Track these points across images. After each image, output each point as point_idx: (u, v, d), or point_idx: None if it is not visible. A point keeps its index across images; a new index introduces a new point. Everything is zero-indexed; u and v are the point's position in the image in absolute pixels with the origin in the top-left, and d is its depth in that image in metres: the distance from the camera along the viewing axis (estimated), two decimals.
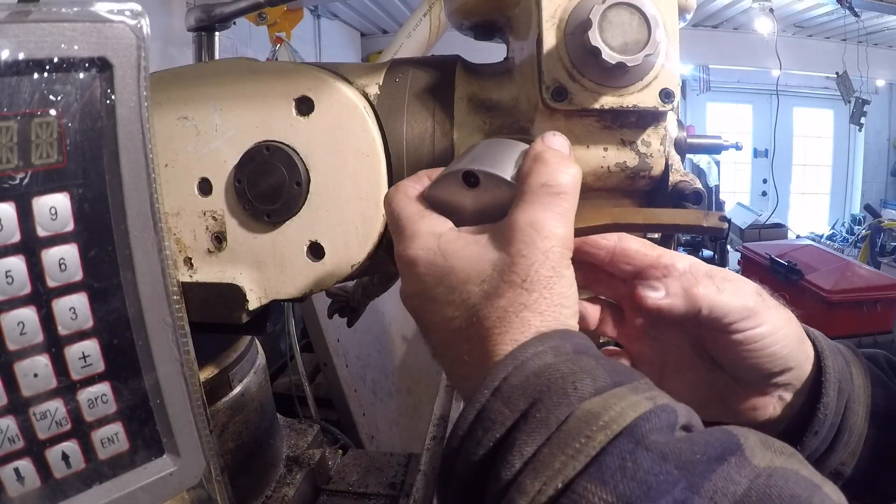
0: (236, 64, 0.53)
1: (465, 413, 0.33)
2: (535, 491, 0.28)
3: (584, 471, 0.28)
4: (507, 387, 0.32)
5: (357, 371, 1.74)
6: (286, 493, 0.80)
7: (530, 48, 0.45)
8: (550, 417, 0.30)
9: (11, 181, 0.33)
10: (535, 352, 0.33)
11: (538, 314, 0.35)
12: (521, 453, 0.30)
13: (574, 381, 0.31)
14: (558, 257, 0.36)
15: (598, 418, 0.29)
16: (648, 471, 0.27)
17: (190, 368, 0.40)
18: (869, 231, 5.28)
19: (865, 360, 0.49)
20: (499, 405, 0.32)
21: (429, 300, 0.38)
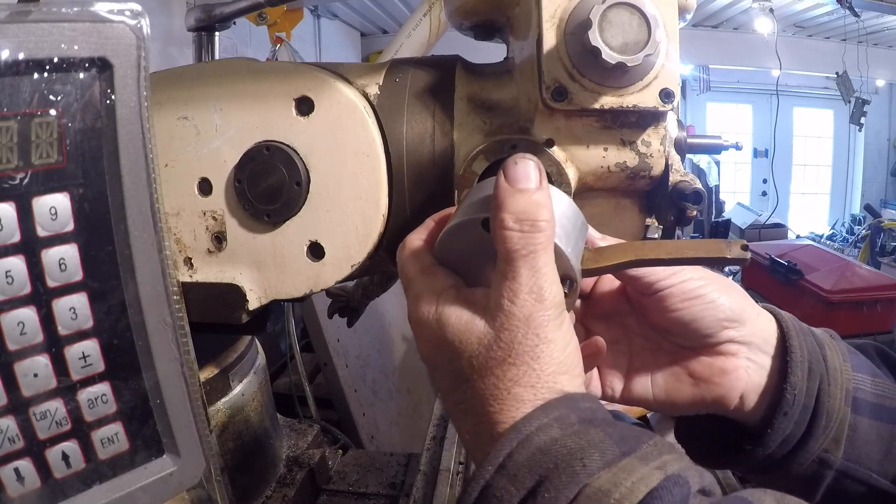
0: (236, 64, 0.53)
1: (469, 490, 0.32)
2: None
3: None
4: (512, 463, 0.31)
5: (357, 371, 1.74)
6: (286, 493, 0.80)
7: (530, 48, 0.45)
8: (560, 497, 0.29)
9: (11, 181, 0.33)
10: (539, 425, 0.32)
11: (530, 388, 0.34)
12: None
13: (582, 458, 0.30)
14: (541, 323, 0.34)
15: (608, 496, 0.29)
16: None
17: (190, 368, 0.40)
18: (869, 231, 5.28)
19: (850, 347, 0.48)
20: (504, 482, 0.31)
21: (433, 367, 0.38)
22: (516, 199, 0.35)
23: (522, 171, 0.36)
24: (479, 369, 0.35)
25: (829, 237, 6.46)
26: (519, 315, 0.34)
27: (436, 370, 0.38)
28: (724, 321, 0.44)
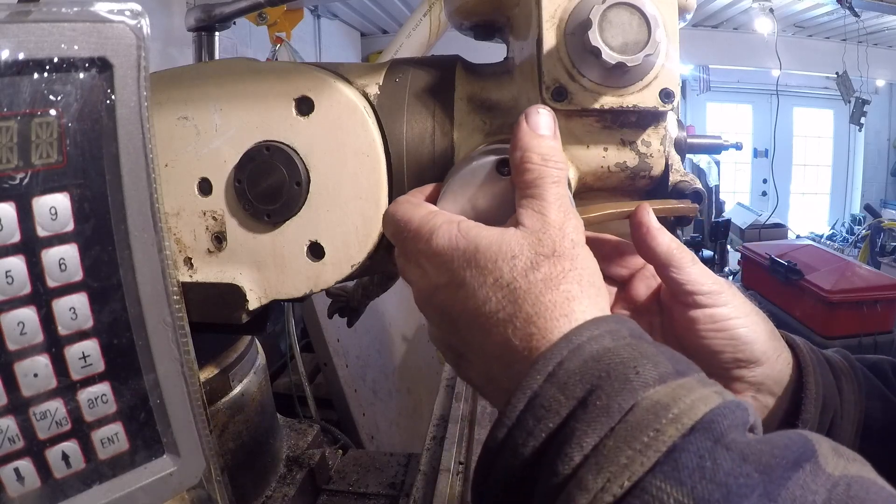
0: (236, 64, 0.53)
1: (514, 401, 0.30)
2: (597, 488, 0.26)
3: (655, 468, 0.25)
4: (563, 372, 0.30)
5: (357, 371, 1.74)
6: (286, 493, 0.80)
7: (530, 48, 0.45)
8: (612, 405, 0.28)
9: (11, 181, 0.33)
10: (592, 335, 0.31)
11: (576, 284, 0.34)
12: (581, 445, 0.27)
13: (636, 367, 0.29)
14: (572, 230, 0.36)
15: (667, 410, 0.27)
16: (729, 472, 0.25)
17: (190, 368, 0.40)
18: (869, 231, 5.27)
19: (865, 371, 0.47)
20: (553, 391, 0.29)
21: (458, 287, 0.35)
22: (539, 141, 0.38)
23: (544, 120, 0.39)
24: (524, 267, 0.34)
25: (829, 237, 6.46)
26: (555, 223, 0.35)
27: (461, 289, 0.35)
28: (741, 360, 0.43)
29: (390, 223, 0.41)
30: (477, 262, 0.35)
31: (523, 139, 0.39)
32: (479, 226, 0.37)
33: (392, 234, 0.41)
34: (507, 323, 0.33)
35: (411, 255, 0.39)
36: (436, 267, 0.37)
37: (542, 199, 0.36)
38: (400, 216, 0.40)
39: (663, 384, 0.29)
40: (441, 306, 0.37)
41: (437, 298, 0.37)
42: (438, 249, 0.36)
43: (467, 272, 0.35)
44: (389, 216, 0.41)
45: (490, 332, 0.34)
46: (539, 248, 0.34)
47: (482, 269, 0.35)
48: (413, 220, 0.39)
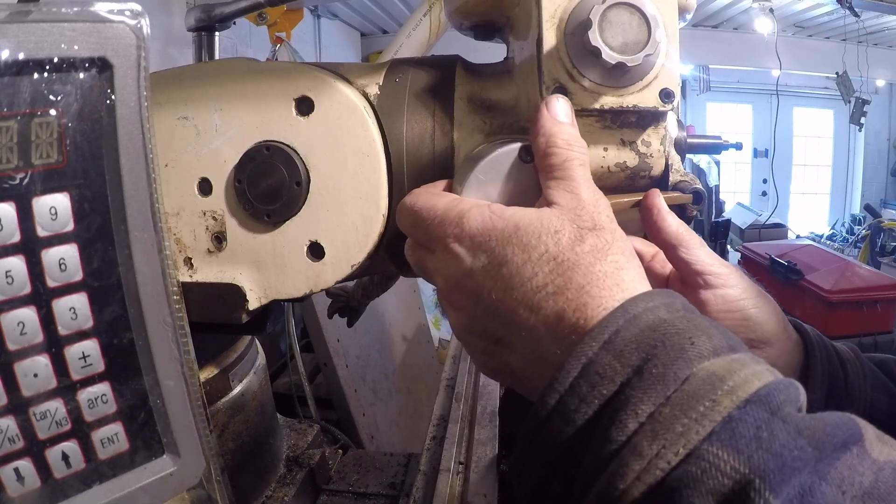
0: (236, 64, 0.53)
1: (567, 367, 0.30)
2: (652, 454, 0.26)
3: (711, 436, 0.25)
4: (619, 340, 0.30)
5: (357, 371, 1.74)
6: (286, 493, 0.80)
7: (530, 48, 0.45)
8: (668, 374, 0.28)
9: (11, 181, 0.33)
10: (647, 306, 0.31)
11: (622, 255, 0.34)
12: (636, 412, 0.27)
13: (691, 338, 0.29)
14: (605, 207, 0.37)
15: (723, 382, 0.27)
16: (784, 444, 0.25)
17: (190, 368, 0.40)
18: (869, 231, 5.28)
19: (871, 365, 0.48)
20: (609, 359, 0.29)
21: (500, 265, 0.34)
22: (561, 127, 0.39)
23: (563, 108, 0.40)
24: (571, 239, 0.34)
25: (829, 237, 6.46)
26: (588, 200, 0.36)
27: (504, 266, 0.34)
28: (753, 341, 0.43)
29: (408, 213, 0.40)
30: (519, 240, 0.34)
31: (546, 125, 0.39)
32: (512, 207, 0.37)
33: (412, 223, 0.40)
34: (559, 295, 0.33)
35: (437, 241, 0.38)
36: (470, 249, 0.36)
37: (572, 180, 0.37)
38: (422, 204, 0.39)
39: (717, 357, 0.29)
40: (476, 291, 0.36)
41: (472, 283, 0.36)
42: (472, 231, 0.36)
43: (508, 249, 0.34)
44: (408, 206, 0.40)
45: (539, 307, 0.33)
46: (580, 223, 0.35)
47: (525, 246, 0.34)
48: (437, 207, 0.38)
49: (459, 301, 0.37)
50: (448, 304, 0.38)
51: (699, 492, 0.24)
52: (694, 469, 0.25)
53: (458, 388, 1.06)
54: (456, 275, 0.37)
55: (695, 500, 0.24)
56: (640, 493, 0.26)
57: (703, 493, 0.24)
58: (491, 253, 0.35)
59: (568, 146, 0.38)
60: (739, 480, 0.24)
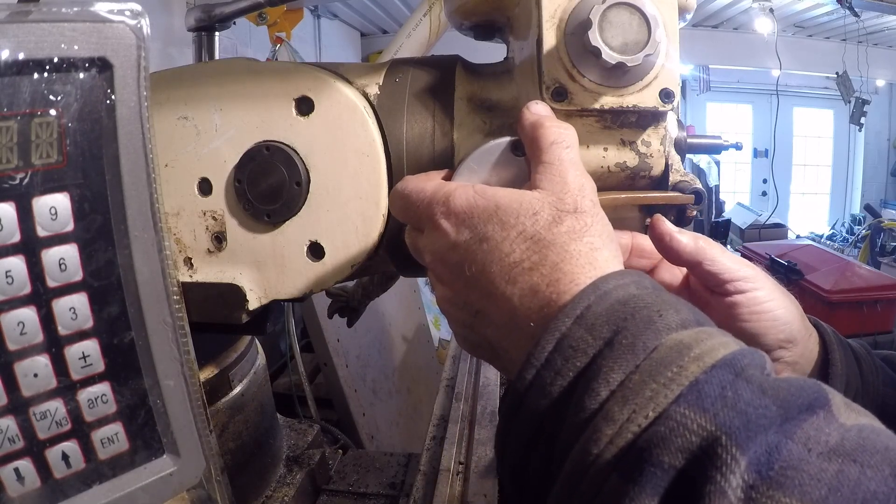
0: (236, 64, 0.53)
1: (542, 342, 0.31)
2: (623, 419, 0.27)
3: (679, 398, 0.27)
4: (591, 314, 0.31)
5: (357, 371, 1.74)
6: (286, 493, 0.80)
7: (530, 48, 0.45)
8: (637, 344, 0.29)
9: (11, 181, 0.33)
10: (618, 283, 0.32)
11: (598, 237, 0.35)
12: (608, 381, 0.28)
13: (659, 311, 0.30)
14: (590, 192, 0.37)
15: (689, 349, 0.28)
16: (749, 402, 0.26)
17: (190, 368, 0.40)
18: (869, 231, 5.27)
19: (880, 361, 0.48)
20: (581, 332, 0.31)
21: (481, 241, 0.36)
22: (546, 116, 0.40)
23: (544, 108, 0.41)
24: (548, 220, 0.35)
25: (829, 237, 6.45)
26: (573, 184, 0.37)
27: (484, 242, 0.36)
28: (782, 341, 0.44)
29: (399, 197, 0.41)
30: (499, 218, 0.36)
31: (531, 117, 0.40)
32: (495, 188, 0.38)
33: (402, 206, 0.41)
34: (534, 271, 0.34)
35: (426, 219, 0.39)
36: (455, 225, 0.37)
37: (560, 163, 0.38)
38: (412, 188, 0.40)
39: (685, 329, 0.30)
40: (458, 264, 0.37)
41: (455, 256, 0.37)
42: (457, 209, 0.37)
43: (489, 227, 0.36)
44: (399, 191, 0.41)
45: (516, 281, 0.35)
46: (560, 206, 0.36)
47: (504, 224, 0.36)
48: (426, 189, 0.40)
49: (444, 274, 0.39)
50: (434, 278, 0.40)
51: (668, 450, 0.26)
52: (663, 429, 0.26)
53: (458, 388, 1.06)
54: (441, 249, 0.38)
55: (664, 457, 0.26)
56: (613, 456, 0.27)
57: (672, 451, 0.26)
58: (473, 229, 0.36)
59: (554, 130, 0.39)
60: (706, 437, 0.25)
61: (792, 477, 0.24)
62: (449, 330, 2.45)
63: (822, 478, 0.24)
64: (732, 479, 0.24)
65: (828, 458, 0.25)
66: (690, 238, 0.44)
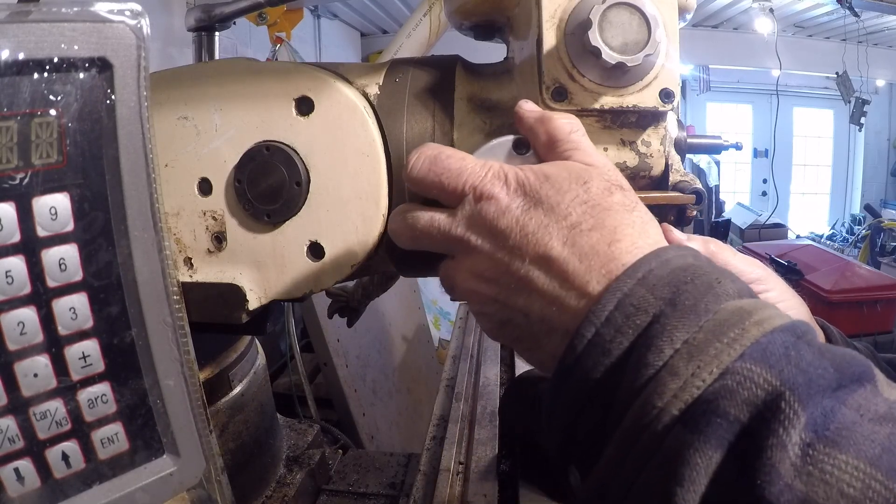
0: (236, 64, 0.53)
1: (603, 301, 0.31)
2: (688, 374, 0.27)
3: (743, 356, 0.27)
4: (653, 276, 0.31)
5: (357, 371, 1.74)
6: (286, 493, 0.80)
7: (530, 48, 0.45)
8: (699, 306, 0.30)
9: (11, 181, 0.33)
10: (677, 253, 0.33)
11: (646, 213, 0.36)
12: (672, 339, 0.29)
13: (718, 279, 0.31)
14: (618, 174, 0.38)
15: (750, 315, 0.29)
16: (810, 363, 0.27)
17: (190, 368, 0.40)
18: (869, 231, 5.28)
19: (885, 364, 0.48)
20: (643, 292, 0.31)
21: (535, 204, 0.36)
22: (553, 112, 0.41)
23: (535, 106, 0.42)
24: (601, 189, 0.36)
25: (829, 237, 6.45)
26: (609, 164, 0.38)
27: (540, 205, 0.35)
28: None
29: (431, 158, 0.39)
30: (551, 185, 0.36)
31: (534, 113, 0.41)
32: (539, 164, 0.38)
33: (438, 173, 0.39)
34: (593, 231, 0.34)
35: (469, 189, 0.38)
36: (507, 192, 0.37)
37: (586, 148, 0.39)
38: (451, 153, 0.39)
39: (742, 298, 0.31)
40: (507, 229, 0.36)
41: (505, 221, 0.36)
42: (509, 179, 0.37)
43: (542, 191, 0.36)
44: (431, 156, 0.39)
45: (575, 242, 0.34)
46: (608, 178, 0.36)
47: (558, 189, 0.36)
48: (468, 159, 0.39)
49: (485, 245, 0.37)
50: (467, 249, 0.38)
51: (735, 402, 0.26)
52: (729, 382, 0.27)
53: (458, 388, 1.06)
54: (490, 214, 0.36)
55: (731, 409, 0.26)
56: (678, 410, 0.27)
57: (738, 402, 0.26)
58: (525, 196, 0.36)
59: (566, 121, 0.39)
60: (771, 392, 0.26)
61: (847, 437, 0.25)
62: (449, 330, 2.45)
63: (874, 439, 0.25)
64: (793, 434, 0.25)
65: (878, 422, 0.26)
66: (700, 243, 0.44)
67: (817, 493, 0.24)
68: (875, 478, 0.24)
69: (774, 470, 0.25)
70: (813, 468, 0.25)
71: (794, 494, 0.24)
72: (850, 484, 0.24)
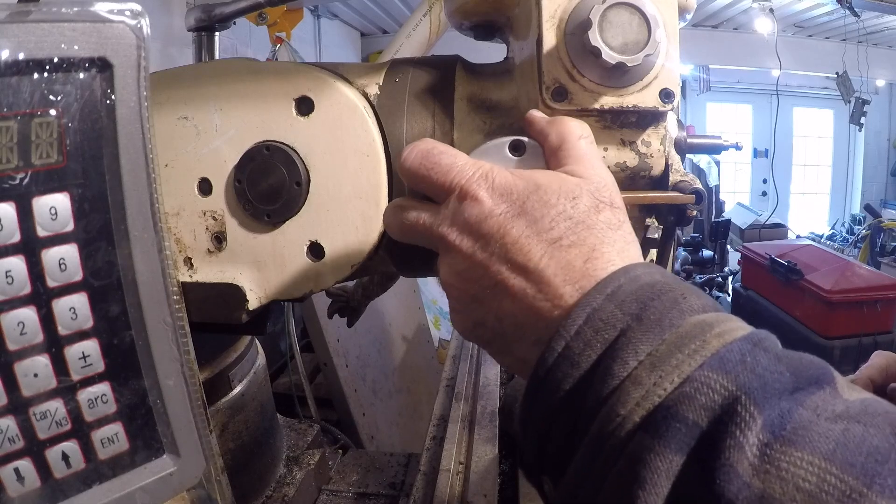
0: (236, 64, 0.53)
1: (573, 315, 0.33)
2: (650, 383, 0.29)
3: (702, 366, 0.29)
4: (622, 292, 0.33)
5: (357, 371, 1.74)
6: (286, 493, 0.80)
7: (530, 48, 0.45)
8: (664, 321, 0.31)
9: (11, 181, 0.33)
10: (646, 271, 0.34)
11: (629, 233, 0.37)
12: (636, 351, 0.30)
13: (683, 294, 0.33)
14: (617, 189, 0.39)
15: (711, 328, 0.30)
16: (766, 368, 0.28)
17: (190, 368, 0.40)
18: (869, 231, 5.27)
19: None
20: (612, 308, 0.32)
21: (518, 214, 0.36)
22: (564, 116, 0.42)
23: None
24: (589, 207, 0.37)
25: (829, 237, 6.45)
26: (607, 179, 0.39)
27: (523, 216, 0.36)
28: None
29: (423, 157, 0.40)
30: (539, 197, 0.36)
31: (544, 116, 0.42)
32: (531, 170, 0.39)
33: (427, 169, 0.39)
34: (573, 248, 0.35)
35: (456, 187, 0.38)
36: (492, 197, 0.37)
37: (591, 158, 0.39)
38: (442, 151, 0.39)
39: (706, 312, 0.32)
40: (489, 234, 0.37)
41: (487, 227, 0.37)
42: (496, 184, 0.37)
43: (528, 203, 0.36)
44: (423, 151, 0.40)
45: (553, 255, 0.35)
46: (599, 196, 0.37)
47: (545, 202, 0.36)
48: (460, 157, 0.39)
49: (464, 244, 0.37)
50: (447, 247, 0.38)
51: (692, 407, 0.28)
52: (688, 389, 0.28)
53: (458, 388, 1.06)
54: (471, 216, 0.37)
55: (689, 414, 0.28)
56: (640, 417, 0.29)
57: (696, 408, 0.28)
58: (511, 204, 0.37)
59: (577, 126, 0.40)
60: (728, 397, 0.28)
61: (802, 435, 0.26)
62: (449, 330, 2.45)
63: (829, 435, 0.26)
64: (750, 436, 0.26)
65: (834, 420, 0.27)
66: None
67: (774, 489, 0.25)
68: (830, 471, 0.25)
69: (733, 470, 0.26)
70: (770, 466, 0.26)
71: (752, 492, 0.25)
72: (805, 479, 0.25)
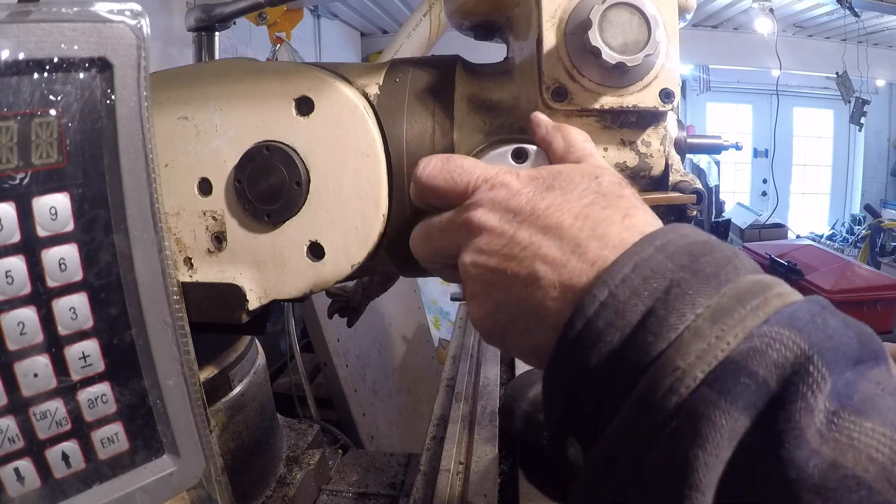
0: (236, 64, 0.53)
1: (618, 263, 0.30)
2: (713, 336, 0.27)
3: (769, 320, 0.27)
4: (672, 245, 0.31)
5: (357, 371, 1.74)
6: (286, 493, 0.80)
7: (530, 48, 0.45)
8: (720, 274, 0.29)
9: (11, 181, 0.33)
10: (693, 230, 0.32)
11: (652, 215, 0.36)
12: (693, 303, 0.28)
13: (735, 253, 0.31)
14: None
15: (770, 288, 0.28)
16: (836, 330, 0.27)
17: (190, 368, 0.40)
18: (869, 231, 5.27)
19: None
20: (662, 258, 0.30)
21: (548, 189, 0.36)
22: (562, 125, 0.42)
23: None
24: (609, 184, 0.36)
25: (829, 237, 6.45)
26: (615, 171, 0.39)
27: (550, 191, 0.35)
28: None
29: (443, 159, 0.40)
30: (563, 178, 0.36)
31: (549, 121, 0.43)
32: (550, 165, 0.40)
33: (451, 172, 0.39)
34: (608, 208, 0.34)
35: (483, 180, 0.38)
36: (520, 181, 0.37)
37: (599, 157, 0.40)
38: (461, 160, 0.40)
39: (759, 274, 0.30)
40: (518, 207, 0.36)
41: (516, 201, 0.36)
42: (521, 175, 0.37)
43: (556, 182, 0.36)
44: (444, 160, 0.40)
45: (588, 216, 0.34)
46: (619, 177, 0.38)
47: (570, 181, 0.36)
48: (479, 163, 0.40)
49: (490, 219, 0.36)
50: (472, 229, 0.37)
51: (764, 363, 0.25)
52: (758, 343, 0.26)
53: (458, 388, 1.06)
54: (499, 195, 0.36)
55: (759, 369, 0.25)
56: (702, 371, 0.26)
57: (766, 364, 0.25)
58: (538, 184, 0.36)
59: (580, 131, 0.42)
60: (800, 355, 0.25)
61: (871, 406, 0.25)
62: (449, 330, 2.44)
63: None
64: (820, 400, 0.25)
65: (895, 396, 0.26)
66: None
67: (846, 459, 0.24)
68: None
69: (802, 435, 0.24)
70: (840, 435, 0.24)
71: (822, 459, 0.24)
72: (878, 450, 0.24)
